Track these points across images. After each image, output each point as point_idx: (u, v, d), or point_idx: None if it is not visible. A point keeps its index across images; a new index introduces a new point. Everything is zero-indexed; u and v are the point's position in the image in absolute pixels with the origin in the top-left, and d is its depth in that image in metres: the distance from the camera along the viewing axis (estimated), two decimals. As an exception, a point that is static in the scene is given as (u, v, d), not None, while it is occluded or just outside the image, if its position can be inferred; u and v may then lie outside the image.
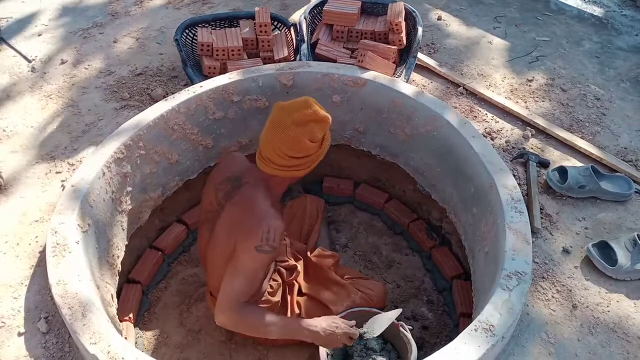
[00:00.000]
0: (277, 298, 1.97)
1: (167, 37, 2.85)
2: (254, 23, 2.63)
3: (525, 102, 2.44)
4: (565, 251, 1.86)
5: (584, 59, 2.71)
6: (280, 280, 2.02)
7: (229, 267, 1.64)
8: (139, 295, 2.20)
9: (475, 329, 1.50)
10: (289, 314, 1.99)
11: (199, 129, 2.28)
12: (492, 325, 1.50)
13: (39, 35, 2.88)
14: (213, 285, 1.88)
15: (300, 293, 2.08)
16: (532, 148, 2.21)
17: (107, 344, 1.43)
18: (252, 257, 1.60)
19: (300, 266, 2.13)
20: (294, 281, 2.07)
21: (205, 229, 1.82)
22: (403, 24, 2.51)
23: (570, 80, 2.58)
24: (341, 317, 1.87)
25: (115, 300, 1.93)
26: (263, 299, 1.90)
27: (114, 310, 1.87)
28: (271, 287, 1.95)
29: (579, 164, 2.15)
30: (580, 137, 2.25)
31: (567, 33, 2.91)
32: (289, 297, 2.03)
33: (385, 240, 2.54)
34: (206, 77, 2.46)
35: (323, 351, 1.84)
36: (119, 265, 2.02)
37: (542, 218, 1.94)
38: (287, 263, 2.09)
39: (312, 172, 1.71)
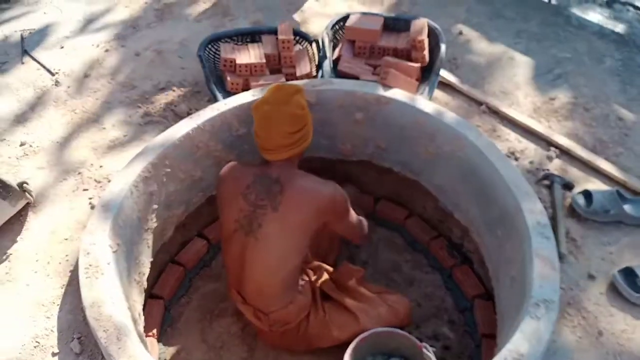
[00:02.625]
0: (308, 297, 2.03)
1: (189, 50, 2.86)
2: (276, 39, 2.64)
3: (548, 121, 2.44)
4: (591, 277, 1.86)
5: (606, 77, 2.71)
6: (309, 279, 2.08)
7: (340, 229, 2.03)
8: (161, 311, 2.22)
9: (505, 359, 1.50)
10: (319, 314, 2.07)
11: (223, 146, 2.30)
12: (522, 355, 1.51)
13: (61, 47, 2.90)
14: (251, 288, 1.95)
15: (326, 298, 2.13)
16: (555, 169, 2.22)
17: (142, 369, 1.45)
18: (349, 212, 1.99)
19: (324, 268, 2.21)
20: (319, 287, 2.13)
21: (238, 236, 1.88)
22: (426, 41, 2.51)
23: (593, 99, 2.57)
24: (365, 337, 1.91)
25: (142, 317, 1.95)
26: (297, 297, 1.99)
27: (141, 328, 1.89)
28: (302, 285, 2.01)
29: (603, 187, 2.15)
30: (604, 159, 2.25)
31: (588, 49, 2.90)
32: (318, 299, 2.10)
33: (406, 257, 2.55)
34: (229, 93, 2.48)
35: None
36: (145, 283, 2.04)
37: (567, 242, 1.95)
38: (312, 264, 2.18)
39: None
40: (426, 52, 2.51)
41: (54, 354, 1.62)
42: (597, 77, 2.72)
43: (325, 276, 2.18)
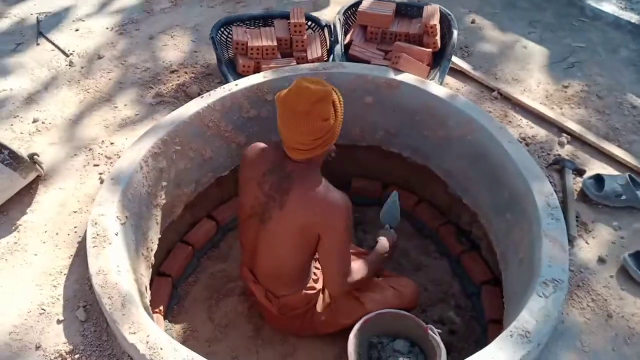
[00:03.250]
0: (320, 286, 2.03)
1: (202, 34, 2.88)
2: (288, 23, 2.65)
3: (561, 108, 2.42)
4: (601, 260, 1.84)
5: (621, 67, 2.68)
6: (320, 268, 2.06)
7: (324, 253, 1.80)
8: (169, 289, 2.23)
9: (510, 335, 1.49)
10: (327, 301, 2.06)
11: (233, 127, 2.30)
12: (528, 332, 1.49)
13: (76, 30, 2.94)
14: (263, 271, 1.95)
15: None
16: (567, 155, 2.19)
17: (146, 334, 1.46)
18: (343, 239, 1.76)
19: None
20: None
21: (253, 222, 1.85)
22: (438, 27, 2.51)
23: (607, 87, 2.55)
24: (370, 318, 1.89)
25: (149, 291, 1.96)
26: (309, 285, 1.97)
27: (147, 301, 1.90)
28: (315, 274, 2.01)
29: (615, 173, 2.12)
30: (617, 146, 2.22)
31: (603, 40, 2.87)
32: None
33: (414, 243, 2.54)
34: (240, 76, 2.49)
35: (351, 350, 1.84)
36: (153, 258, 2.05)
37: (577, 226, 1.92)
38: None
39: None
40: (438, 38, 2.50)
41: (59, 321, 1.63)
42: (611, 66, 2.69)
43: None
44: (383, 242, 2.10)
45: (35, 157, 1.97)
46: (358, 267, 1.91)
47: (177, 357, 1.42)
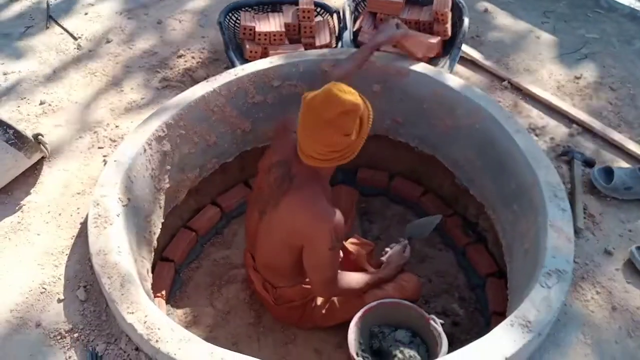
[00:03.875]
0: None
1: (210, 20, 2.87)
2: (297, 9, 2.62)
3: (572, 99, 2.38)
4: (608, 253, 1.81)
5: (635, 59, 2.63)
6: None
7: (306, 263, 1.77)
8: (171, 274, 2.24)
9: (511, 324, 1.47)
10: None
11: (238, 112, 2.29)
12: (529, 321, 1.47)
13: (85, 14, 2.94)
14: (261, 260, 1.95)
15: None
16: (577, 146, 2.16)
17: (144, 314, 1.46)
18: (327, 255, 1.71)
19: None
20: None
21: (255, 209, 1.84)
22: (449, 15, 2.47)
23: (620, 79, 2.50)
24: (372, 307, 1.88)
25: (150, 275, 1.96)
26: (307, 279, 1.94)
27: (148, 285, 1.90)
28: None
29: (625, 165, 2.08)
30: (628, 138, 2.18)
31: (618, 31, 2.82)
32: None
33: (419, 233, 2.51)
34: (247, 61, 2.47)
35: (351, 338, 1.83)
36: (155, 242, 2.05)
37: (585, 218, 1.89)
38: None
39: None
40: (448, 26, 2.46)
41: (59, 300, 1.64)
42: (626, 58, 2.64)
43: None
44: (391, 267, 2.05)
45: (40, 137, 1.98)
46: (355, 280, 1.91)
47: (174, 337, 1.42)
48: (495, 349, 1.42)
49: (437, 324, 1.85)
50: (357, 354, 1.81)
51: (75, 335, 1.56)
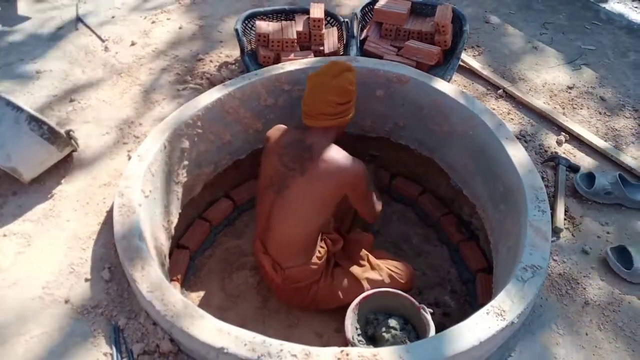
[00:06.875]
0: (322, 264, 2.18)
1: (228, 26, 3.06)
2: (308, 18, 2.80)
3: (563, 108, 2.53)
4: (584, 252, 1.96)
5: (627, 71, 2.76)
6: (326, 248, 2.23)
7: (354, 202, 2.13)
8: (187, 260, 2.43)
9: (487, 312, 1.64)
10: (328, 280, 2.22)
11: (251, 114, 2.48)
12: (504, 311, 1.63)
13: (112, 17, 3.15)
14: (275, 239, 2.12)
15: (335, 264, 2.28)
16: (564, 153, 2.30)
17: (162, 293, 1.65)
18: (366, 190, 2.09)
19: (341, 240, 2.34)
20: (333, 254, 2.28)
21: (271, 191, 2.05)
22: (449, 27, 2.63)
23: (611, 90, 2.63)
24: (368, 295, 2.05)
25: (168, 260, 2.16)
26: (313, 261, 2.13)
27: (165, 269, 2.09)
28: (319, 252, 2.16)
29: (610, 172, 2.22)
30: (614, 146, 2.32)
31: (613, 43, 2.95)
32: (330, 267, 2.25)
33: (416, 230, 2.68)
34: (261, 66, 2.65)
35: (348, 323, 2.01)
36: (172, 230, 2.24)
37: (566, 220, 2.04)
38: (332, 235, 2.30)
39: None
40: (448, 36, 2.62)
41: (86, 280, 1.83)
42: (618, 70, 2.77)
43: (340, 245, 2.34)
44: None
45: (71, 133, 2.18)
46: (377, 202, 2.24)
47: (186, 314, 1.61)
48: (472, 334, 1.59)
49: (426, 312, 2.02)
50: (352, 337, 1.98)
51: (100, 310, 1.75)
